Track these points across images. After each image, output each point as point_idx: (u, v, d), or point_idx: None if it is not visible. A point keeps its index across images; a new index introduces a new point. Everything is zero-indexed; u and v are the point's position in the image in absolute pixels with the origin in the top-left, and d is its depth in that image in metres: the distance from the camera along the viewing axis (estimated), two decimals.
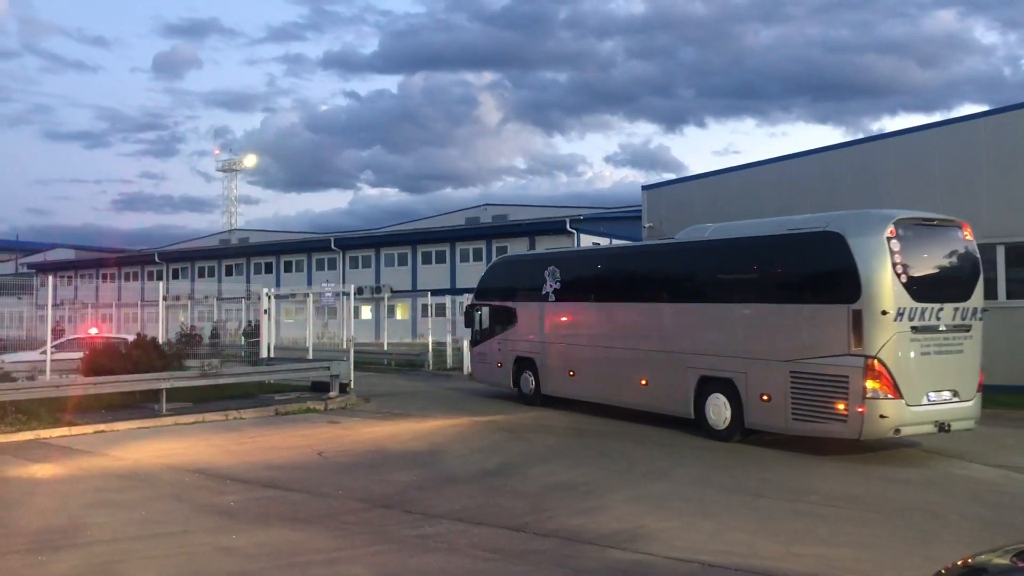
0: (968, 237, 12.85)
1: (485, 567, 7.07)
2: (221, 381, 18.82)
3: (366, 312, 48.44)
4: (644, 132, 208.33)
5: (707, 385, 14.18)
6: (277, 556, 7.43)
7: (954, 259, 12.77)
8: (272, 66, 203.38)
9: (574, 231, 39.58)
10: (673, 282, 15.56)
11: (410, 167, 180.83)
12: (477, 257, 45.22)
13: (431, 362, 29.36)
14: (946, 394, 12.15)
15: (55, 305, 21.35)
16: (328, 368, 20.25)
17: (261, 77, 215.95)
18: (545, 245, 38.88)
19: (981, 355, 12.64)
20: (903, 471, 11.35)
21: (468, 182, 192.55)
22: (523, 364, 19.19)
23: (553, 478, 10.88)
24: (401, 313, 47.56)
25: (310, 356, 24.13)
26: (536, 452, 12.95)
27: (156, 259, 64.75)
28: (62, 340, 21.76)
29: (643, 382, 15.64)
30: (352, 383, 20.67)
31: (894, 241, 11.88)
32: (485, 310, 20.75)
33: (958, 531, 8.26)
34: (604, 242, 34.64)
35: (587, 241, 38.27)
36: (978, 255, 12.94)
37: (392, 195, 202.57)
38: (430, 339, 30.25)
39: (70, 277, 68.49)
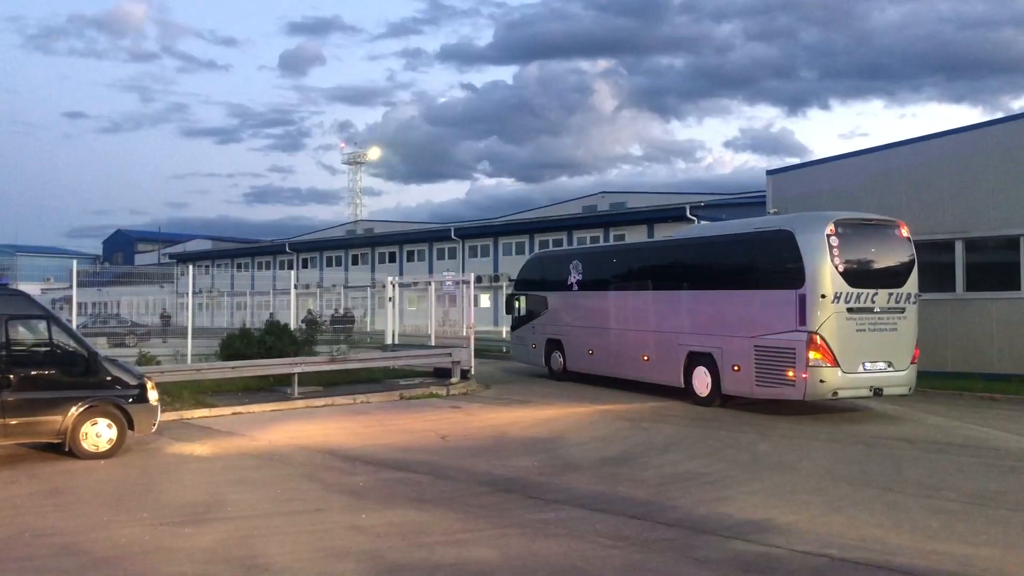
0: (904, 234, 15.18)
1: (608, 554, 7.09)
2: (349, 366, 19.47)
3: (485, 300, 49.06)
4: (765, 116, 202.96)
5: (693, 359, 16.78)
6: (404, 536, 7.66)
7: (889, 252, 15.10)
8: (391, 61, 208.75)
9: (694, 218, 38.77)
10: (667, 273, 18.35)
11: (525, 157, 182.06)
12: None
13: None
14: (881, 364, 14.52)
15: (195, 293, 22.65)
16: (450, 355, 20.66)
17: (381, 72, 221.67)
18: (664, 232, 38.31)
19: (916, 333, 14.93)
20: None
21: (583, 170, 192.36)
22: (553, 345, 22.10)
23: (675, 468, 10.79)
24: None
25: (432, 343, 24.63)
26: (656, 441, 12.86)
27: (287, 249, 67.39)
28: None
29: (645, 358, 18.40)
30: (473, 369, 21.01)
31: (833, 237, 14.23)
32: (523, 299, 23.64)
33: None
34: None
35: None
36: (913, 249, 15.15)
37: (508, 184, 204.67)
38: None
39: (207, 266, 72.11)
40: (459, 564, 6.83)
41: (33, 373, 11.22)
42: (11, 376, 10.87)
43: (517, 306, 23.73)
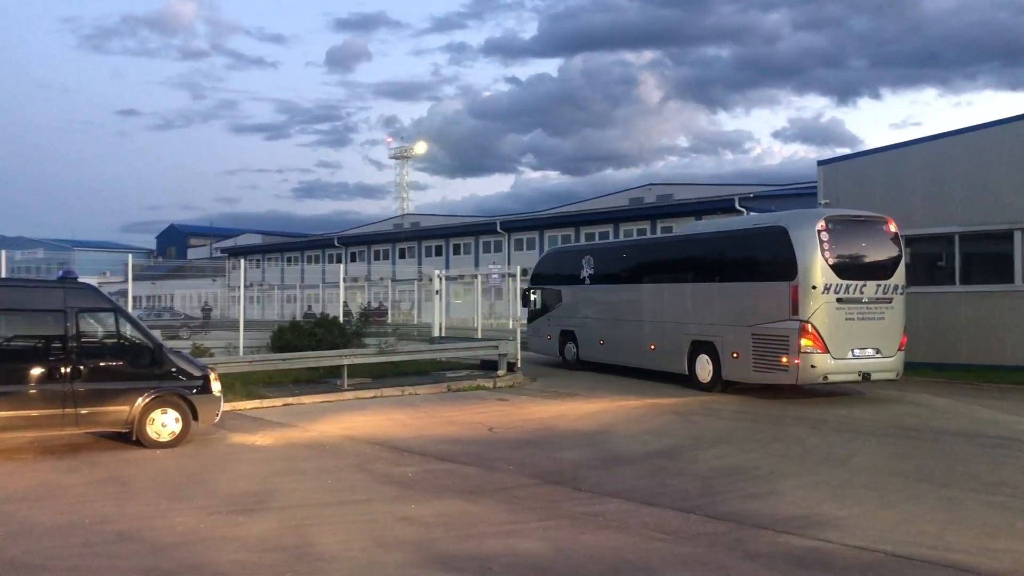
0: (892, 230, 16.09)
1: (657, 547, 7.06)
2: (397, 358, 19.64)
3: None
4: (814, 106, 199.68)
5: (696, 347, 17.81)
6: (453, 526, 7.72)
7: (877, 247, 16.02)
8: (436, 55, 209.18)
9: (743, 209, 38.23)
10: (672, 267, 19.54)
11: (570, 149, 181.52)
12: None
13: None
14: (869, 351, 15.48)
15: (246, 287, 23.02)
16: (496, 347, 20.70)
17: (426, 67, 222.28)
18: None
19: (903, 322, 15.86)
20: None
21: (629, 162, 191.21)
22: (566, 336, 23.13)
23: (724, 461, 10.70)
24: None
25: (478, 336, 24.72)
26: (706, 435, 12.75)
27: (336, 243, 68.03)
28: None
29: (652, 347, 19.45)
30: (519, 362, 21.03)
31: (824, 233, 15.23)
32: (538, 293, 24.60)
33: None
34: None
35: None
36: (901, 243, 16.13)
37: (553, 177, 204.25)
38: None
39: (258, 260, 73.15)
40: (508, 555, 6.86)
41: (102, 364, 11.51)
42: (81, 367, 11.17)
43: (533, 300, 24.76)
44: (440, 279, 26.46)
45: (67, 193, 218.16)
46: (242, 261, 25.63)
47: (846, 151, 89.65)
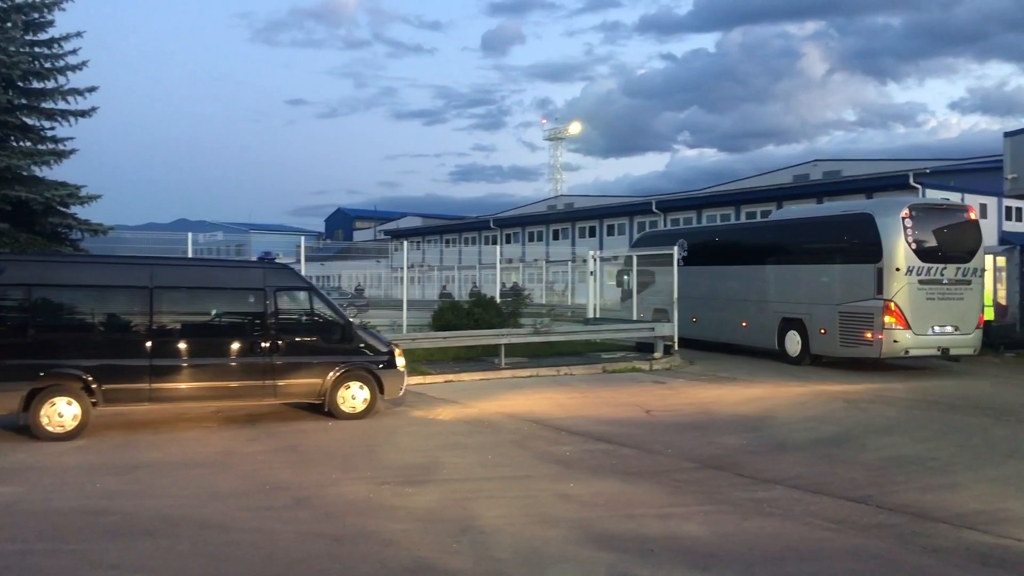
0: (972, 218, 17.80)
1: (824, 536, 6.80)
2: (552, 339, 19.77)
3: None
4: (998, 74, 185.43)
5: (786, 324, 19.59)
6: (612, 507, 7.72)
7: (958, 233, 17.51)
8: (590, 35, 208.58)
9: (918, 186, 36.02)
10: (763, 250, 21.14)
11: (728, 126, 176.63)
12: None
13: None
14: (949, 328, 17.12)
15: (410, 267, 23.80)
16: (652, 329, 20.48)
17: (579, 47, 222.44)
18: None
19: (982, 302, 17.62)
20: None
21: (791, 138, 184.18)
22: (659, 314, 23.27)
23: (896, 451, 10.17)
24: None
25: (633, 317, 24.52)
26: (876, 423, 12.17)
27: (491, 225, 69.19)
28: None
29: (744, 324, 21.16)
30: (676, 344, 20.74)
31: (907, 220, 16.90)
32: (632, 274, 25.12)
33: None
34: (955, 198, 31.33)
35: (934, 197, 34.71)
36: (980, 230, 17.73)
37: (710, 155, 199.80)
38: None
39: (418, 242, 75.45)
40: (668, 537, 6.80)
41: (297, 339, 12.24)
42: (280, 342, 11.93)
43: (626, 281, 25.66)
44: (594, 260, 26.35)
45: (242, 179, 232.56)
46: (404, 243, 26.59)
47: None
